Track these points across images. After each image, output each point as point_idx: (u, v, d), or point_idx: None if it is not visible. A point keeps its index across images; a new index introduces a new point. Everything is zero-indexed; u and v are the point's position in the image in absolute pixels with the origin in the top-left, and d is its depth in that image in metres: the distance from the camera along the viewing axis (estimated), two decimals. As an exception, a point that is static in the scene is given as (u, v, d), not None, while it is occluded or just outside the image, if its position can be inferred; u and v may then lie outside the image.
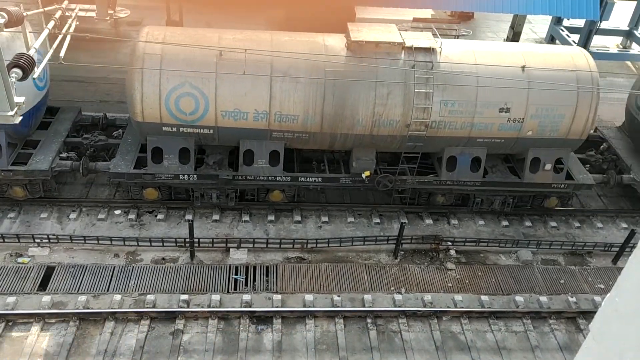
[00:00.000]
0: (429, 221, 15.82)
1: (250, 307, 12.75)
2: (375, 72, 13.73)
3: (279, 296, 13.12)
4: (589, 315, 13.40)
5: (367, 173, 14.79)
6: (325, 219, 15.50)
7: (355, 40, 13.85)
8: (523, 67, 14.13)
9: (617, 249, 15.08)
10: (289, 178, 14.85)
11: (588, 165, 16.77)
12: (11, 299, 12.34)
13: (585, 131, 14.95)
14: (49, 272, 13.19)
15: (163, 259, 13.95)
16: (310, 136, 14.31)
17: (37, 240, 13.72)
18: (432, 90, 13.84)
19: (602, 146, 17.59)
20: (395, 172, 15.06)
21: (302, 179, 14.98)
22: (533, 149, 15.11)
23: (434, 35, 14.43)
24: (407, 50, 14.05)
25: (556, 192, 15.85)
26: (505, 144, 14.99)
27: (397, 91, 13.85)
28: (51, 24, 10.98)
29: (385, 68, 13.68)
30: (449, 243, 14.96)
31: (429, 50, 14.03)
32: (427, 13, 27.82)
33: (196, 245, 13.88)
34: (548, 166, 15.28)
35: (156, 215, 15.06)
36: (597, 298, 13.98)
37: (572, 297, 13.96)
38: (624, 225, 16.43)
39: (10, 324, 11.90)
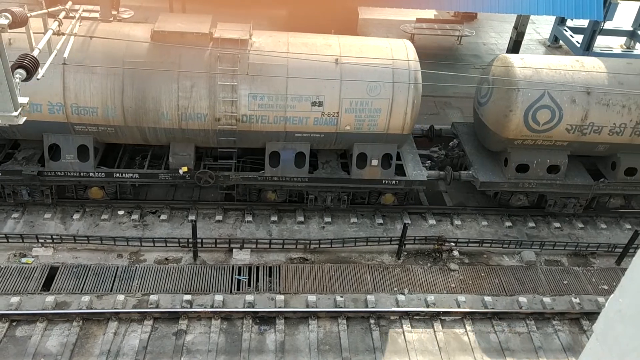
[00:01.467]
0: (432, 222, 15.81)
1: (253, 307, 12.76)
2: (178, 64, 13.21)
3: (282, 297, 13.12)
4: (592, 316, 13.37)
5: (185, 168, 14.27)
6: (328, 219, 15.51)
7: (159, 30, 13.31)
8: (336, 60, 13.68)
9: (621, 250, 15.04)
10: (103, 174, 14.45)
11: (429, 162, 16.29)
12: (15, 299, 12.37)
13: (406, 126, 14.30)
14: (52, 272, 13.22)
15: (166, 259, 13.97)
16: (116, 130, 13.80)
17: (40, 241, 13.76)
18: (237, 83, 13.39)
19: (451, 142, 17.10)
20: (229, 168, 14.67)
21: (118, 175, 14.53)
22: (358, 144, 14.56)
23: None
24: (215, 42, 13.51)
25: (390, 189, 15.40)
26: (326, 139, 14.48)
27: (201, 84, 13.38)
28: (55, 24, 11.01)
29: (188, 59, 13.20)
30: (452, 244, 14.94)
31: (237, 42, 13.42)
32: (430, 13, 27.83)
33: (199, 245, 13.90)
34: (375, 162, 14.72)
35: (159, 216, 15.09)
36: (600, 299, 13.94)
37: (575, 298, 13.93)
38: (628, 226, 16.38)
39: (14, 324, 11.93)
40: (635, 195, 16.47)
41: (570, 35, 25.36)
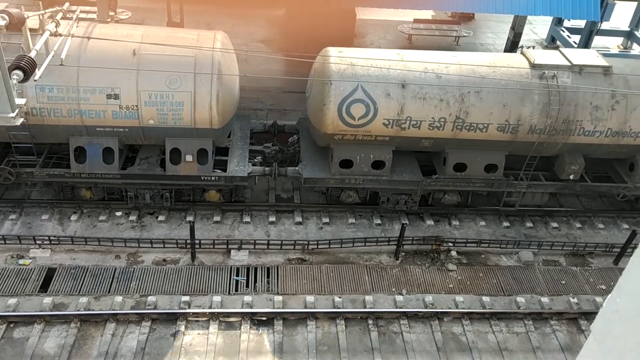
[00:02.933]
0: (430, 222, 15.82)
1: (251, 308, 12.75)
2: None
3: (280, 297, 13.12)
4: (590, 316, 13.39)
5: None
6: (326, 220, 15.51)
7: None
8: (134, 50, 12.99)
9: (619, 250, 15.07)
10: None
11: (260, 157, 15.88)
12: (12, 301, 12.34)
13: (215, 120, 13.73)
14: (50, 273, 13.20)
15: (164, 260, 13.95)
16: None
17: (38, 242, 13.74)
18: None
19: (291, 138, 16.76)
20: (34, 164, 14.17)
21: None
22: (169, 139, 14.04)
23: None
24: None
25: (212, 185, 14.90)
26: (132, 134, 13.91)
27: None
28: (52, 26, 11.00)
29: None
30: (450, 244, 14.95)
31: (34, 30, 12.15)
32: (427, 14, 27.86)
33: (197, 246, 13.88)
34: (189, 157, 14.20)
35: (157, 217, 15.08)
36: (598, 299, 13.96)
37: (573, 297, 13.95)
38: (625, 226, 16.41)
39: (11, 325, 11.91)
40: (473, 192, 15.90)
41: (568, 36, 25.40)
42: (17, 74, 8.63)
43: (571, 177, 15.41)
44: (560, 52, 15.30)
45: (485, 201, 16.51)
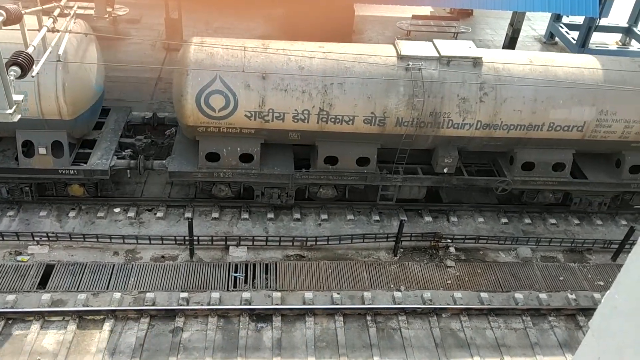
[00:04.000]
0: (428, 219, 15.83)
1: (249, 304, 12.76)
2: None
3: (279, 294, 13.13)
4: (588, 312, 13.42)
5: None
6: (324, 216, 15.51)
7: None
8: None
9: (617, 246, 15.10)
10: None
11: (129, 150, 15.44)
12: (11, 297, 12.34)
13: (64, 111, 13.33)
14: (48, 270, 13.19)
15: (162, 256, 13.95)
16: None
17: (36, 239, 13.72)
18: None
19: (168, 130, 16.45)
20: None
21: None
22: (20, 132, 13.60)
23: None
24: None
25: (73, 179, 14.46)
26: None
27: None
28: (49, 21, 10.95)
29: None
30: (449, 240, 14.97)
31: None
32: (426, 10, 27.82)
33: (195, 243, 13.88)
34: (42, 150, 13.74)
35: (155, 213, 15.06)
36: (596, 295, 13.99)
37: (571, 294, 13.98)
38: (624, 222, 16.44)
39: (10, 322, 11.90)
40: (350, 186, 15.47)
41: (566, 32, 25.38)
42: (15, 70, 8.59)
43: (445, 170, 15.00)
44: (434, 43, 14.79)
45: (362, 195, 16.11)
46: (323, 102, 13.84)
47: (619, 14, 26.35)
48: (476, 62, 14.27)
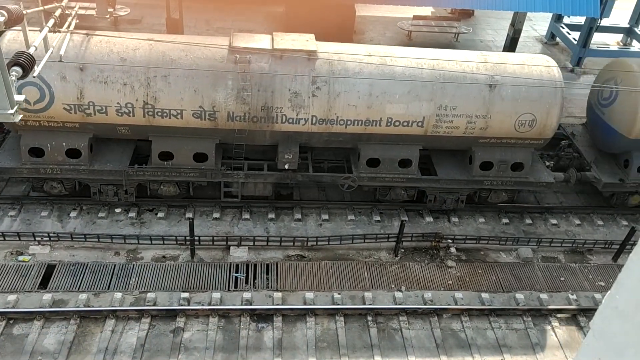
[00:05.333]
0: (429, 219, 15.83)
1: (250, 305, 12.76)
2: None
3: (280, 294, 13.13)
4: (589, 312, 13.42)
5: None
6: (325, 216, 15.51)
7: None
8: None
9: (618, 247, 15.09)
10: None
11: None
12: (12, 297, 12.35)
13: None
14: (49, 270, 13.20)
15: (163, 257, 13.96)
16: None
17: (37, 239, 13.73)
18: None
19: None
20: None
21: None
22: None
23: None
24: None
25: None
26: None
27: None
28: (51, 22, 10.97)
29: None
30: (450, 241, 14.97)
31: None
32: (427, 10, 27.82)
33: (197, 243, 13.89)
34: None
35: (157, 214, 15.07)
36: (597, 295, 13.99)
37: (572, 294, 13.97)
38: (625, 223, 16.44)
39: (11, 322, 11.91)
40: (193, 182, 15.07)
41: (567, 32, 25.37)
42: (16, 71, 8.61)
43: (286, 166, 14.65)
44: (272, 36, 14.29)
45: (206, 192, 15.67)
46: (147, 95, 13.43)
47: (620, 14, 26.35)
48: (310, 55, 13.87)
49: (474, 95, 14.28)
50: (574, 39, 24.45)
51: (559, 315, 13.33)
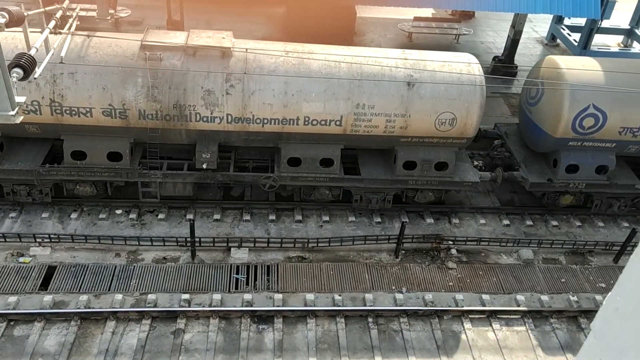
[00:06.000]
0: (430, 220, 15.82)
1: (251, 306, 12.76)
2: None
3: (280, 295, 13.12)
4: (590, 314, 13.40)
5: None
6: (326, 218, 15.51)
7: None
8: None
9: (619, 248, 15.08)
10: None
11: None
12: (13, 299, 12.35)
13: None
14: (50, 271, 13.20)
15: (164, 258, 13.96)
16: None
17: (38, 240, 13.74)
18: None
19: None
20: None
21: None
22: None
23: None
24: None
25: None
26: None
27: None
28: (52, 23, 10.99)
29: None
30: (450, 242, 14.96)
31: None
32: (428, 12, 27.84)
33: (197, 244, 13.89)
34: None
35: (157, 215, 15.08)
36: (598, 297, 13.97)
37: (573, 296, 13.96)
38: (625, 224, 16.42)
39: (11, 323, 11.91)
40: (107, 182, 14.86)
41: (568, 34, 25.38)
42: (17, 72, 8.63)
43: (204, 165, 14.39)
44: (189, 33, 14.03)
45: (126, 192, 15.38)
46: (53, 92, 13.15)
47: (620, 16, 26.35)
48: (225, 53, 13.66)
49: (392, 93, 14.03)
50: (575, 40, 24.46)
51: (559, 317, 13.31)
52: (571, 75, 14.79)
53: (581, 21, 24.46)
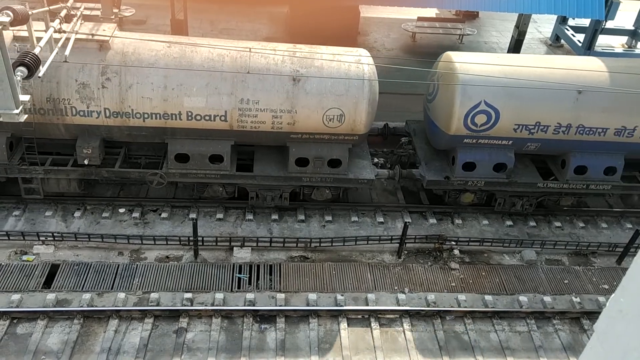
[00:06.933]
0: (432, 221, 15.81)
1: (253, 305, 12.77)
2: None
3: (283, 295, 13.13)
4: (593, 315, 13.37)
5: None
6: (329, 218, 15.51)
7: None
8: None
9: (622, 250, 15.04)
10: None
11: None
12: (16, 297, 12.39)
13: None
14: (53, 269, 13.23)
15: (167, 257, 13.98)
16: None
17: (41, 238, 13.78)
18: None
19: None
20: None
21: None
22: None
23: None
24: None
25: None
26: None
27: None
28: (56, 22, 11.02)
29: None
30: (453, 242, 14.94)
31: None
32: (431, 12, 27.83)
33: (200, 243, 13.91)
34: None
35: (160, 214, 15.10)
36: (601, 298, 13.95)
37: (576, 297, 13.93)
38: (629, 225, 16.38)
39: (15, 321, 11.95)
40: None
41: (572, 35, 25.34)
42: (22, 71, 8.66)
43: (85, 161, 14.00)
44: (73, 25, 13.13)
45: (8, 189, 14.96)
46: None
47: (625, 16, 26.28)
48: (102, 45, 13.22)
49: (277, 89, 13.71)
50: (579, 41, 24.42)
51: (562, 318, 13.28)
52: (463, 71, 14.31)
53: (585, 22, 24.43)
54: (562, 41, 26.59)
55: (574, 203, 16.40)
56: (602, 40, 24.82)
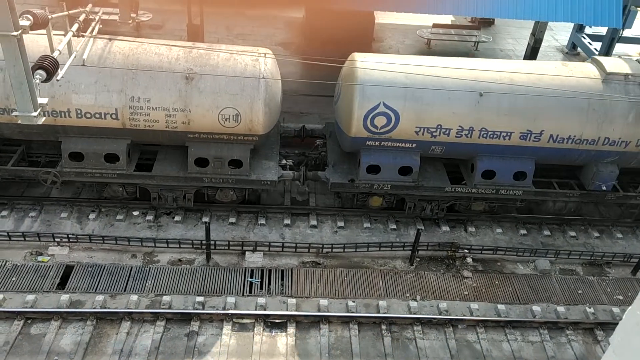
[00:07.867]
0: (445, 228, 15.74)
1: (264, 310, 12.78)
2: None
3: (294, 300, 13.13)
4: (606, 326, 13.21)
5: None
6: (341, 223, 15.50)
7: None
8: None
9: (637, 260, 14.86)
10: None
11: None
12: (30, 297, 12.51)
13: None
14: (67, 271, 13.36)
15: (179, 260, 14.05)
16: None
17: (57, 240, 13.92)
18: None
19: None
20: None
21: None
22: None
23: None
24: None
25: None
26: None
27: None
28: (75, 26, 11.16)
29: None
30: (466, 251, 14.86)
31: None
32: (447, 19, 27.77)
33: (212, 247, 13.96)
34: None
35: (173, 217, 15.19)
36: (615, 309, 13.78)
37: (590, 307, 13.78)
38: (645, 236, 16.19)
39: (29, 321, 12.07)
40: None
41: (589, 43, 25.16)
42: (40, 74, 8.77)
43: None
44: None
45: None
46: None
47: (643, 25, 26.02)
48: None
49: (169, 87, 13.50)
50: (596, 49, 24.23)
51: (575, 329, 13.14)
52: (363, 72, 13.92)
53: (602, 30, 24.24)
54: (579, 49, 26.40)
55: (485, 208, 16.06)
56: (619, 49, 24.60)
